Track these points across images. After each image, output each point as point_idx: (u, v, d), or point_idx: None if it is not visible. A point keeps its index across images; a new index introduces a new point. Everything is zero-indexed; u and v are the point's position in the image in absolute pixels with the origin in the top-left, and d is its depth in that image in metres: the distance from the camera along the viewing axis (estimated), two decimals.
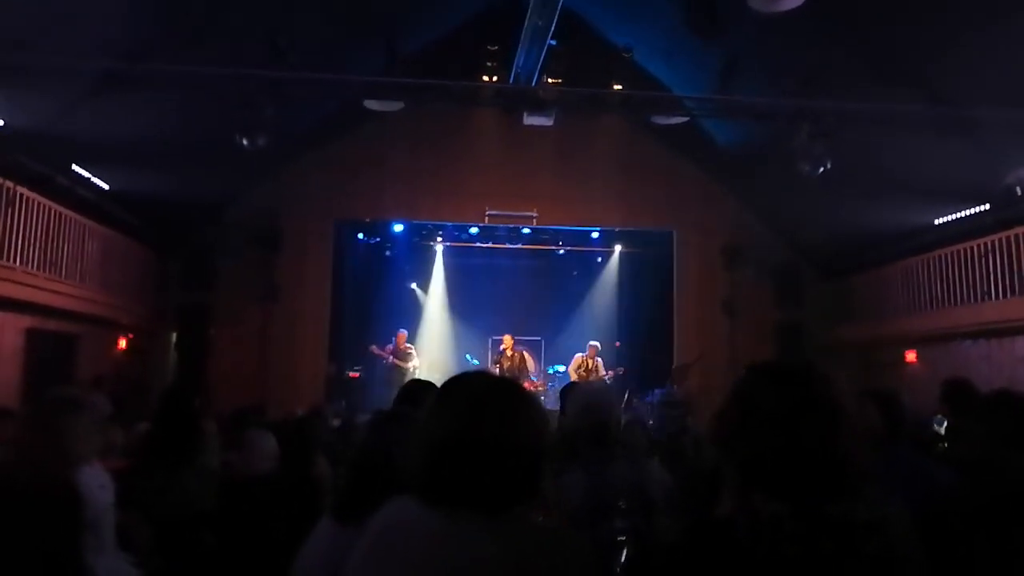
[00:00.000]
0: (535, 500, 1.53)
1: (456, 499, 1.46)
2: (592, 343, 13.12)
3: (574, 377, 12.34)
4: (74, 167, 9.10)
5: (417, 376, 13.17)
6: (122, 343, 11.19)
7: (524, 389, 1.63)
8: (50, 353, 9.12)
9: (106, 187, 9.73)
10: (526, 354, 13.78)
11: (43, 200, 8.57)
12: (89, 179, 9.42)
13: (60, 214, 8.97)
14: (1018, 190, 8.66)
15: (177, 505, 3.43)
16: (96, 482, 2.82)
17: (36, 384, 8.15)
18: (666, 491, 2.99)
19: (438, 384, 1.73)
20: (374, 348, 12.98)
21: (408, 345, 13.25)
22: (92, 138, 8.44)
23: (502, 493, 1.47)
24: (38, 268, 8.46)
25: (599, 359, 12.92)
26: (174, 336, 12.28)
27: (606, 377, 12.93)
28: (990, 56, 7.44)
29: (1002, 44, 7.19)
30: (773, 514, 1.38)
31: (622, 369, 13.26)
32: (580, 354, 13.07)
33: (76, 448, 2.68)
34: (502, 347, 13.35)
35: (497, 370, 12.72)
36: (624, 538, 2.62)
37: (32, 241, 8.34)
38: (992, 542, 2.39)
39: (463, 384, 1.60)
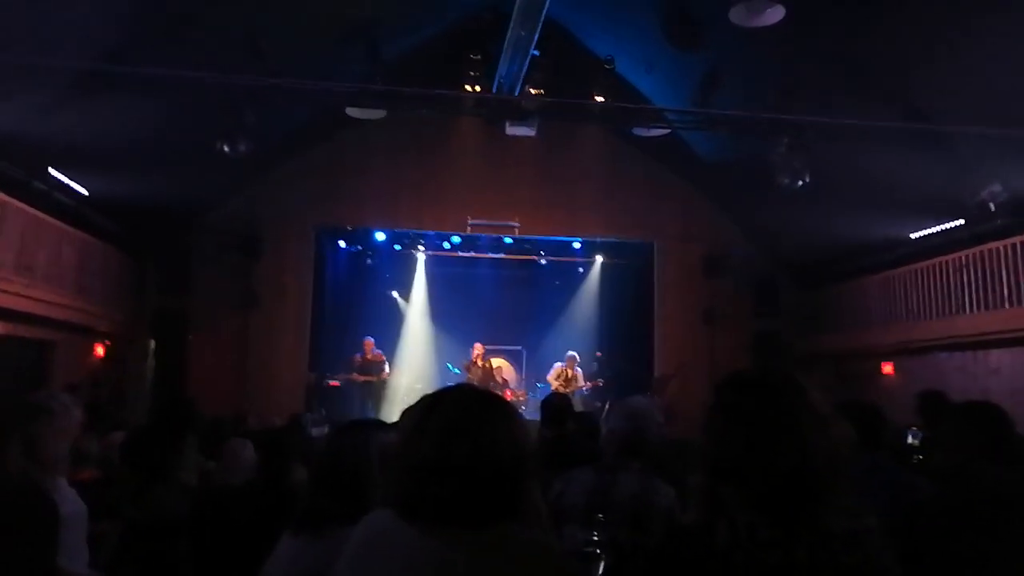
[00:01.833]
0: (519, 514, 1.52)
1: (434, 517, 1.46)
2: (570, 353, 13.17)
3: (554, 387, 12.39)
4: (51, 171, 9.00)
5: (394, 386, 13.13)
6: (99, 350, 11.06)
7: (505, 406, 1.61)
8: (25, 360, 9.00)
9: (84, 191, 9.63)
10: (502, 363, 13.76)
11: (19, 204, 8.46)
12: (66, 183, 9.32)
13: (36, 218, 8.85)
14: (992, 206, 8.79)
15: (152, 514, 3.39)
16: (65, 489, 2.78)
17: (11, 392, 8.02)
18: (669, 515, 2.97)
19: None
20: (344, 376, 12.83)
21: (377, 352, 13.13)
22: (70, 142, 8.37)
23: (480, 511, 1.47)
24: (13, 273, 8.35)
25: (579, 369, 12.99)
26: (152, 343, 12.15)
27: (585, 388, 12.99)
28: (966, 73, 7.57)
29: (978, 61, 7.33)
30: (750, 522, 1.39)
31: (601, 381, 13.29)
32: (559, 364, 13.12)
33: (48, 454, 2.63)
34: (473, 356, 13.30)
35: (466, 380, 12.71)
36: (598, 551, 2.62)
37: (7, 246, 8.23)
38: (966, 552, 2.41)
39: (441, 404, 1.57)
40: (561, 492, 3.01)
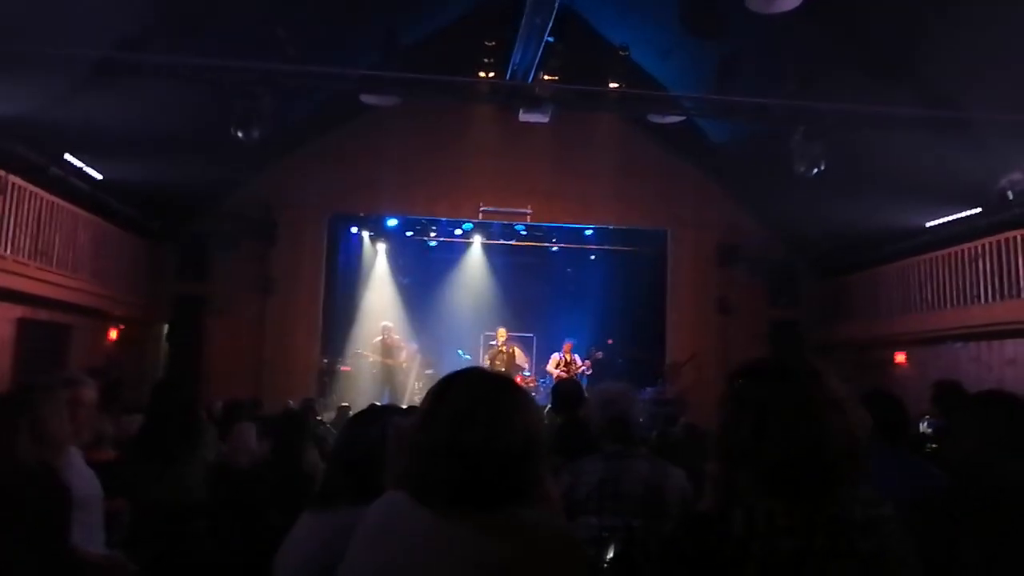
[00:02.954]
0: (530, 497, 1.53)
1: (448, 499, 1.47)
2: (567, 340, 13.24)
3: (554, 376, 12.43)
4: (67, 156, 9.05)
5: (407, 370, 13.22)
6: (114, 334, 11.16)
7: (517, 390, 1.61)
8: (42, 343, 9.09)
9: (99, 176, 9.68)
10: (517, 349, 13.81)
11: (35, 189, 8.53)
12: (82, 168, 9.37)
13: (52, 203, 8.92)
14: (1010, 194, 8.70)
15: (172, 495, 3.43)
16: (78, 471, 2.80)
17: (28, 374, 8.11)
18: (683, 499, 2.99)
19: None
20: (360, 351, 13.00)
21: (396, 338, 13.24)
22: (86, 127, 8.40)
23: (492, 494, 1.48)
24: (29, 257, 8.42)
25: (575, 355, 13.02)
26: (166, 327, 12.25)
27: (584, 368, 13.02)
28: (985, 60, 7.48)
29: (997, 48, 7.23)
30: (768, 510, 1.39)
31: (596, 348, 13.30)
32: (556, 354, 13.18)
33: (52, 432, 2.65)
34: (495, 341, 13.32)
35: (488, 364, 12.76)
36: (610, 535, 2.64)
37: (24, 230, 8.30)
38: (982, 543, 2.40)
39: (454, 388, 1.58)
40: (572, 484, 3.01)
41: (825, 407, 1.44)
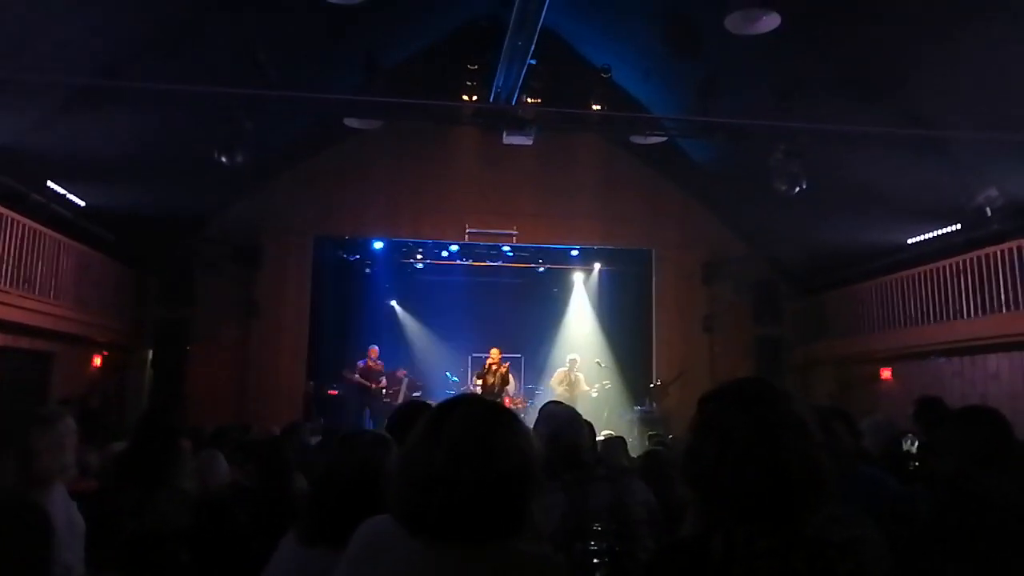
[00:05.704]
0: (522, 528, 1.51)
1: (439, 530, 1.45)
2: (572, 356, 13.14)
3: (557, 392, 12.32)
4: (49, 183, 9.00)
5: (395, 394, 13.15)
6: (97, 361, 11.05)
7: (514, 419, 1.60)
8: (24, 372, 8.98)
9: (82, 204, 9.63)
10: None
11: (17, 217, 8.46)
12: (64, 195, 9.32)
13: (34, 231, 8.85)
14: (988, 210, 8.81)
15: (151, 524, 3.38)
16: (61, 502, 2.77)
17: (9, 403, 8.01)
18: (649, 511, 2.97)
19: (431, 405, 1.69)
20: (346, 373, 12.92)
21: (379, 362, 13.16)
22: (67, 154, 8.37)
23: (486, 525, 1.46)
24: (11, 285, 8.34)
25: (580, 373, 12.92)
26: (150, 353, 12.14)
27: (590, 391, 12.91)
28: (963, 78, 7.60)
29: (974, 66, 7.35)
30: (746, 534, 1.39)
31: (608, 384, 13.23)
32: (562, 369, 13.08)
33: (43, 466, 2.63)
34: (488, 361, 13.24)
35: (480, 384, 12.71)
36: (598, 560, 2.61)
37: (5, 258, 8.23)
38: (965, 559, 2.41)
39: (451, 417, 1.57)
40: (540, 518, 2.92)
41: (787, 430, 1.42)
